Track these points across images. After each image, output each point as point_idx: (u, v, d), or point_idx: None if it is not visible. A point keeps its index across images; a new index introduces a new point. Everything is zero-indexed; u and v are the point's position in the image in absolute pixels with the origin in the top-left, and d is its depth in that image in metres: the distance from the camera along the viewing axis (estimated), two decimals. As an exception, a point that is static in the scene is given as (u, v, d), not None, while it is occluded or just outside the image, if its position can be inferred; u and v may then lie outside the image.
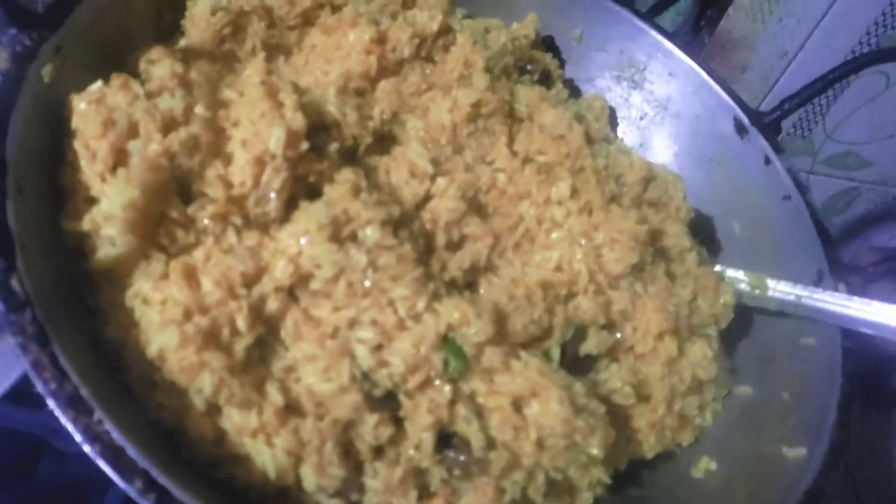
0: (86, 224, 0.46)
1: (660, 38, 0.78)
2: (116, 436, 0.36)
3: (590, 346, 0.57)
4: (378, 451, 0.48)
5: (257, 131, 0.49)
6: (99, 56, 0.54)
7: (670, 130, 0.78)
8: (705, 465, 0.57)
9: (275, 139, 0.48)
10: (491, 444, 0.49)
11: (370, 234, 0.48)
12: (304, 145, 0.50)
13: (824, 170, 1.18)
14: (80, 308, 0.45)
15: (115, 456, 0.36)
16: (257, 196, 0.49)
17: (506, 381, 0.48)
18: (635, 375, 0.58)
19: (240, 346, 0.45)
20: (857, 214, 1.27)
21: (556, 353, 0.54)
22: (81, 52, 0.52)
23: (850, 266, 0.62)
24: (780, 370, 0.61)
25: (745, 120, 0.72)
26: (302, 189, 0.51)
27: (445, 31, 0.67)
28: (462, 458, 0.49)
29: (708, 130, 0.75)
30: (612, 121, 0.81)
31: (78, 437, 0.36)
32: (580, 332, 0.57)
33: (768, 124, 0.71)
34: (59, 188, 0.48)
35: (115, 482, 0.35)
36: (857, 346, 0.56)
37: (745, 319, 0.67)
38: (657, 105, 0.79)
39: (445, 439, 0.50)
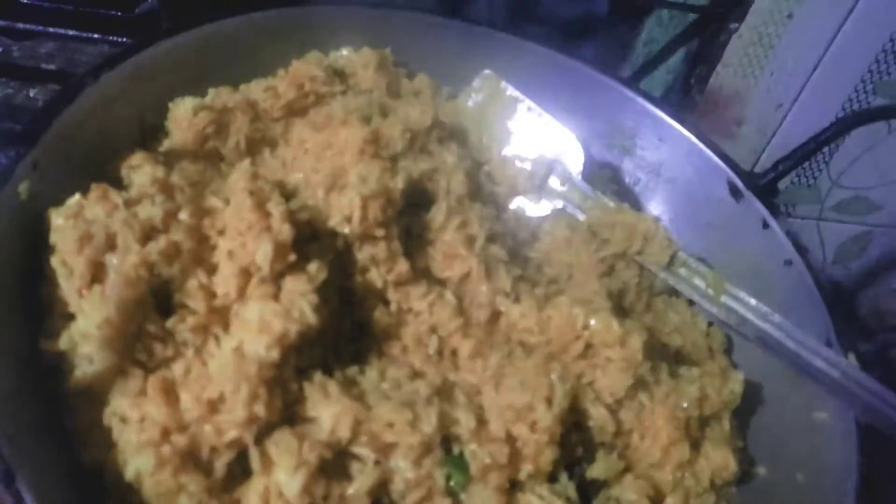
0: (63, 343, 0.45)
1: (647, 104, 0.77)
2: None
3: (598, 469, 0.53)
4: None
5: (244, 242, 0.48)
6: (80, 165, 0.54)
7: (664, 196, 0.77)
8: (719, 555, 0.54)
9: (262, 252, 0.47)
10: None
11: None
12: (292, 257, 0.49)
13: (834, 216, 1.17)
14: (57, 436, 0.44)
15: None
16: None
17: None
18: (650, 484, 0.54)
19: (220, 463, 0.43)
20: (874, 258, 1.24)
21: (563, 477, 0.51)
22: (60, 164, 0.52)
23: (858, 330, 0.59)
24: (794, 448, 0.58)
25: (739, 183, 0.71)
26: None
27: (436, 125, 0.67)
28: None
29: (702, 194, 0.74)
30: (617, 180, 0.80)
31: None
32: (587, 452, 0.53)
33: (764, 186, 0.70)
34: (32, 308, 0.47)
35: None
36: (874, 420, 0.53)
37: (756, 394, 0.64)
38: (650, 171, 0.78)
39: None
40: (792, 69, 0.96)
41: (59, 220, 0.48)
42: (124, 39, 0.76)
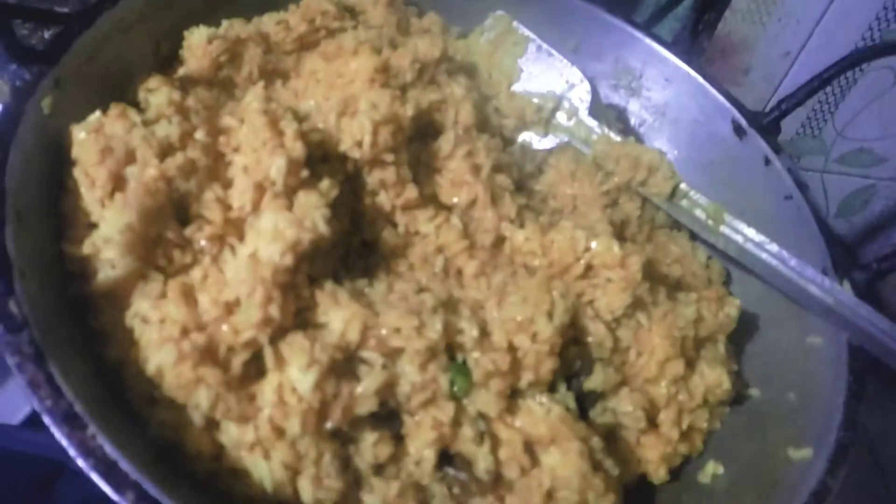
0: (86, 248, 0.47)
1: (654, 45, 0.78)
2: (109, 450, 0.37)
3: (596, 381, 0.55)
4: (378, 469, 0.49)
5: (258, 158, 0.50)
6: (99, 87, 0.56)
7: (669, 135, 0.78)
8: (712, 470, 0.56)
9: (276, 167, 0.49)
10: (497, 478, 0.49)
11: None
12: (304, 173, 0.51)
13: (839, 168, 1.17)
14: (82, 331, 0.46)
15: (108, 469, 0.36)
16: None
17: (525, 422, 0.49)
18: (646, 398, 0.56)
19: (237, 361, 0.45)
20: (877, 212, 1.25)
21: (562, 386, 0.53)
22: (80, 84, 0.54)
23: (854, 263, 0.61)
24: (787, 371, 0.60)
25: (743, 122, 0.72)
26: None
27: (445, 57, 0.69)
28: (463, 476, 0.49)
29: (707, 134, 0.75)
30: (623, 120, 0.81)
31: (72, 452, 0.36)
32: (586, 365, 0.56)
33: (767, 125, 0.71)
34: (59, 215, 0.49)
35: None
36: (865, 344, 0.55)
37: (751, 322, 0.66)
38: (655, 111, 0.79)
39: (447, 458, 0.50)
40: (800, 16, 0.96)
41: (80, 135, 0.50)
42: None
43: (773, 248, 0.61)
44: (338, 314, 0.47)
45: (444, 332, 0.48)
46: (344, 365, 0.47)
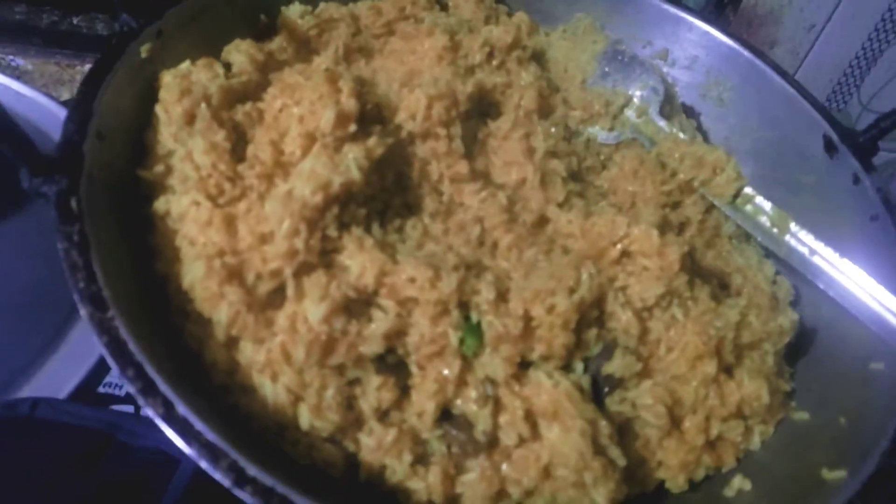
0: (155, 172, 0.53)
1: (754, 58, 0.75)
2: (122, 332, 0.40)
3: (614, 366, 0.53)
4: (382, 414, 0.50)
5: (313, 110, 0.54)
6: (196, 44, 0.61)
7: (755, 149, 0.74)
8: (738, 485, 0.52)
9: (326, 118, 0.53)
10: (495, 443, 0.49)
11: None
12: (353, 128, 0.54)
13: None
14: (135, 247, 0.51)
15: (118, 347, 0.40)
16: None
17: (531, 392, 0.48)
18: (671, 395, 0.54)
19: (262, 288, 0.48)
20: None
21: (579, 366, 0.52)
22: (180, 38, 0.60)
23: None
24: (844, 397, 0.55)
25: (836, 138, 0.67)
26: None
27: (518, 45, 0.71)
28: (462, 436, 0.49)
29: (795, 149, 0.70)
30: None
31: (92, 329, 0.40)
32: (607, 350, 0.54)
33: (862, 143, 0.66)
34: (139, 147, 0.55)
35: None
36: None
37: (817, 345, 0.61)
38: (742, 124, 0.76)
39: (450, 418, 0.50)
40: None
41: (168, 78, 0.56)
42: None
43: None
44: (358, 257, 0.49)
45: (459, 290, 0.49)
46: (359, 307, 0.49)
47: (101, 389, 0.74)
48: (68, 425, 0.69)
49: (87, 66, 0.94)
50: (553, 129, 0.64)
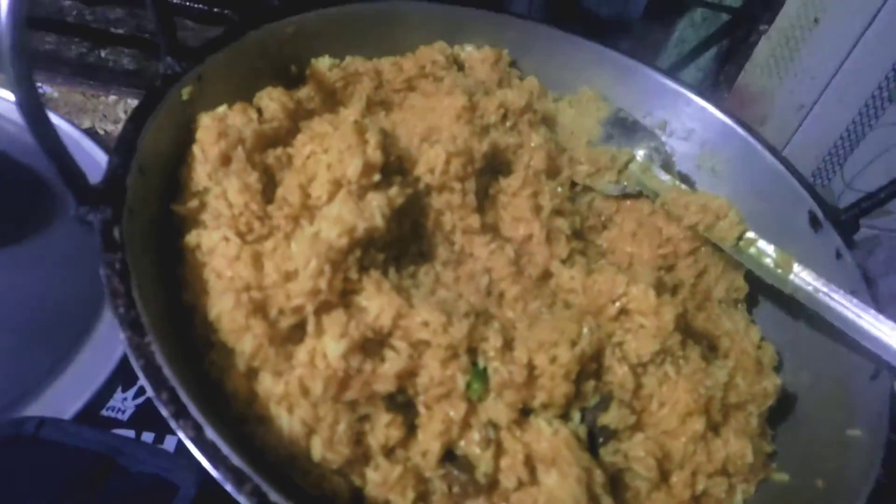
0: (188, 208, 0.56)
1: (747, 135, 0.80)
2: (158, 357, 0.43)
3: (609, 418, 0.56)
4: (389, 452, 0.52)
5: (341, 158, 0.58)
6: (232, 89, 0.65)
7: (745, 218, 0.79)
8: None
9: (353, 167, 0.57)
10: (494, 486, 0.52)
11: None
12: (377, 177, 0.58)
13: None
14: (167, 277, 0.54)
15: (153, 371, 0.43)
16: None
17: (532, 437, 0.51)
18: (661, 449, 0.57)
19: (284, 323, 0.51)
20: (880, 261, 1.24)
21: (576, 416, 0.55)
22: (218, 83, 0.64)
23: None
24: (823, 460, 0.58)
25: (820, 214, 0.72)
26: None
27: (530, 108, 0.76)
28: (463, 477, 0.52)
29: (782, 222, 0.75)
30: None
31: (129, 353, 0.43)
32: (604, 402, 0.57)
33: (844, 221, 0.71)
34: (173, 184, 0.59)
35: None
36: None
37: (798, 410, 0.65)
38: (734, 195, 0.80)
39: (453, 459, 0.53)
40: (815, 72, 1.02)
41: (206, 120, 0.60)
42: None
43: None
44: (376, 299, 0.52)
45: (469, 335, 0.52)
46: (374, 347, 0.52)
47: (104, 413, 0.76)
48: (72, 447, 0.70)
49: (111, 97, 0.99)
50: (559, 189, 0.68)
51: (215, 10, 0.94)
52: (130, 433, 0.75)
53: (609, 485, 0.52)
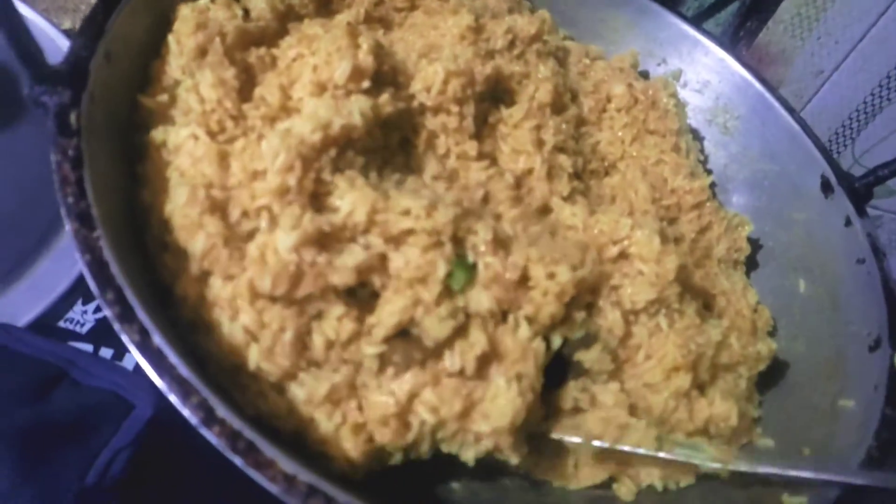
0: (157, 101, 0.51)
1: (765, 91, 0.76)
2: (106, 252, 0.39)
3: (588, 356, 0.52)
4: (328, 347, 0.46)
5: (329, 61, 0.52)
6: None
7: (753, 178, 0.75)
8: (691, 503, 0.52)
9: (341, 70, 0.52)
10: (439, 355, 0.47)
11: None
12: (366, 83, 0.53)
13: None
14: (126, 172, 0.50)
15: (99, 268, 0.38)
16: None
17: (498, 331, 0.47)
18: (636, 398, 0.53)
19: (244, 226, 0.46)
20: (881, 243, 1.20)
21: (557, 341, 0.50)
22: (202, -23, 0.59)
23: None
24: (811, 429, 0.55)
25: (833, 179, 0.68)
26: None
27: (540, 38, 0.70)
28: (409, 347, 0.47)
29: (792, 185, 0.71)
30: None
31: (75, 246, 0.39)
32: (587, 339, 0.53)
33: (858, 188, 0.67)
34: (143, 76, 0.54)
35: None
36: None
37: (789, 377, 0.62)
38: (744, 154, 0.76)
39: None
40: (839, 37, 0.96)
41: (185, 11, 0.54)
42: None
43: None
44: (349, 196, 0.46)
45: (455, 223, 0.47)
46: (338, 243, 0.46)
47: (62, 324, 0.72)
48: (21, 354, 0.66)
49: (94, -3, 0.92)
50: (564, 126, 0.64)
51: None
52: (89, 347, 0.72)
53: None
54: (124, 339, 0.38)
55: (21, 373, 0.66)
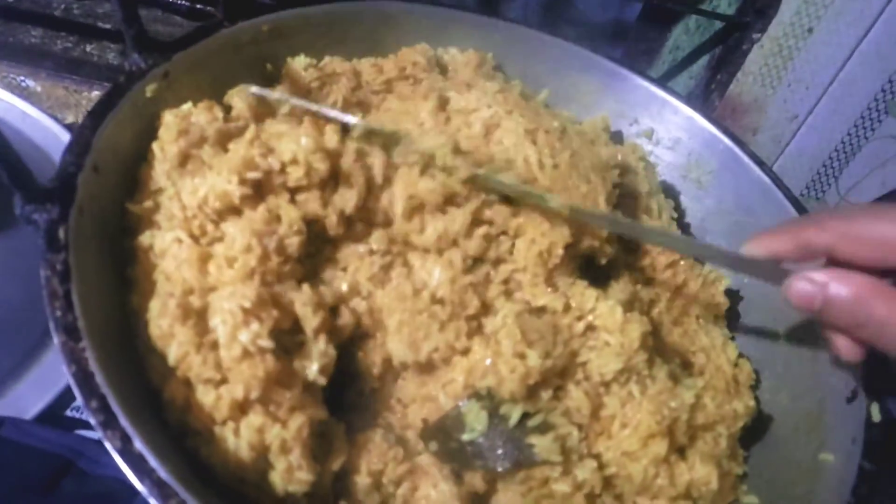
0: (144, 207, 0.54)
1: (734, 146, 0.78)
2: (91, 363, 0.42)
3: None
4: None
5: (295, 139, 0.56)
6: (201, 87, 0.64)
7: (730, 230, 0.77)
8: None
9: (304, 146, 0.55)
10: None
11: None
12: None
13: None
14: (115, 280, 0.53)
15: (84, 378, 0.41)
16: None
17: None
18: (623, 468, 0.54)
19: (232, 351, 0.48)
20: None
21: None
22: (186, 81, 0.62)
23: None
24: (794, 485, 0.56)
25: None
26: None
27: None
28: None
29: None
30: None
31: (62, 358, 0.42)
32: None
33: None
34: (132, 183, 0.57)
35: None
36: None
37: (772, 432, 0.62)
38: (717, 208, 0.78)
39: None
40: (809, 82, 1.00)
41: (169, 118, 0.58)
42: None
43: None
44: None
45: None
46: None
47: (69, 413, 0.75)
48: (30, 447, 0.69)
49: (95, 93, 0.98)
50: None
51: (198, 6, 0.93)
52: (95, 435, 0.74)
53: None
54: (107, 445, 0.40)
55: (30, 465, 0.68)
